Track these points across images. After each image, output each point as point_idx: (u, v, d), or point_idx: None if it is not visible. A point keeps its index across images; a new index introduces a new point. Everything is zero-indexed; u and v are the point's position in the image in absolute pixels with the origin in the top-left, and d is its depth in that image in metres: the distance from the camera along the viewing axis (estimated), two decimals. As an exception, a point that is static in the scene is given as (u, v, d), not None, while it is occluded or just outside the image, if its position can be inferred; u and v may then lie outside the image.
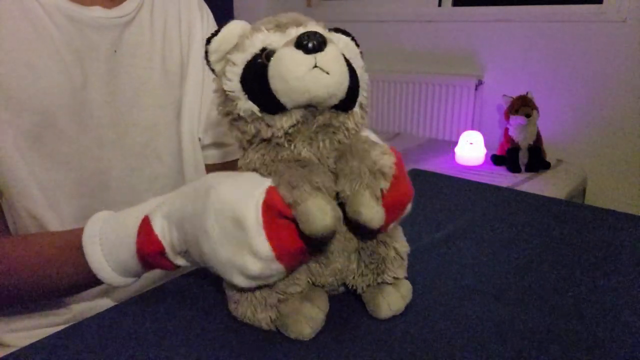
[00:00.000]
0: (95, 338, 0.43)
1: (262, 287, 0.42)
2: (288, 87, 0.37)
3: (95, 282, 0.48)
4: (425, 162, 2.02)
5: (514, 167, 1.92)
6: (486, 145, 2.05)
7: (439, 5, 2.43)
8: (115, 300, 0.62)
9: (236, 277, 0.39)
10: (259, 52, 0.40)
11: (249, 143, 0.43)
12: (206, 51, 0.43)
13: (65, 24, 0.56)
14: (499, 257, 0.57)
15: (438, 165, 1.99)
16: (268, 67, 0.38)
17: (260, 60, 0.39)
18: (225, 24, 0.43)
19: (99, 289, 0.62)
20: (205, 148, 0.74)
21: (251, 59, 0.40)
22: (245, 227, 0.37)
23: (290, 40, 0.38)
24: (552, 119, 2.10)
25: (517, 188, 1.29)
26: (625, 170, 2.02)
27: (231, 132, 0.43)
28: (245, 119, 0.41)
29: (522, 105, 1.94)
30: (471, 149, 2.01)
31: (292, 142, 0.41)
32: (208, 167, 0.76)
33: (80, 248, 0.46)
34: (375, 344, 0.42)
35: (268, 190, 0.38)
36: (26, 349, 0.42)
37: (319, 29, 0.40)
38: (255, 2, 2.67)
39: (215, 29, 0.77)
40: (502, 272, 0.54)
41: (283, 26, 0.41)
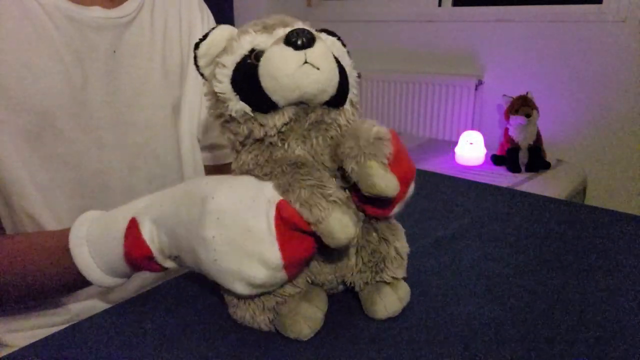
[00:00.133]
0: (95, 338, 0.43)
1: (260, 293, 0.42)
2: (279, 84, 0.37)
3: (85, 282, 0.47)
4: (425, 162, 2.02)
5: (514, 167, 1.92)
6: (486, 145, 2.05)
7: (439, 5, 2.43)
8: (114, 300, 0.62)
9: (238, 286, 0.39)
10: (247, 53, 0.40)
11: (241, 145, 0.42)
12: (195, 56, 0.43)
13: (65, 24, 0.56)
14: (499, 257, 0.57)
15: (438, 165, 1.99)
16: (258, 67, 0.38)
17: (249, 61, 0.39)
18: (212, 29, 0.43)
19: (97, 290, 0.62)
20: (203, 149, 0.74)
21: (240, 60, 0.40)
22: (256, 237, 0.37)
23: (279, 38, 0.39)
24: (552, 119, 2.10)
25: (517, 188, 1.28)
26: (625, 170, 2.02)
27: (223, 134, 0.43)
28: (238, 120, 0.41)
29: (522, 105, 1.94)
30: (471, 149, 2.01)
31: (285, 141, 0.41)
32: (205, 168, 0.76)
33: (68, 249, 0.46)
34: (374, 343, 0.42)
35: (280, 203, 0.38)
36: (26, 349, 0.42)
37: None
38: (255, 2, 2.67)
39: None
40: (502, 272, 0.54)
41: (270, 27, 0.41)
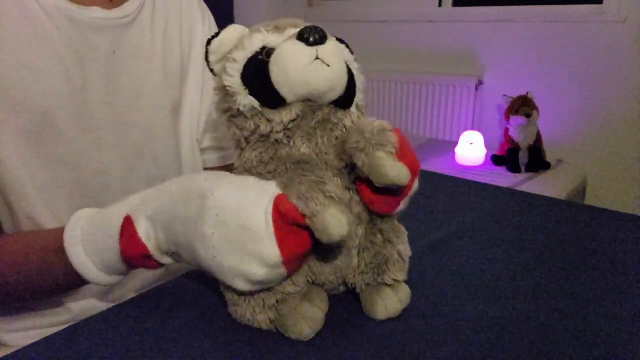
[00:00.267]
0: (95, 338, 0.43)
1: (260, 290, 0.42)
2: (289, 78, 0.38)
3: (82, 281, 0.47)
4: (425, 162, 2.02)
5: (514, 167, 1.91)
6: (486, 145, 2.05)
7: (439, 5, 2.43)
8: (114, 300, 0.62)
9: (237, 282, 0.39)
10: (259, 50, 0.40)
11: (246, 141, 0.43)
12: (206, 51, 0.44)
13: (65, 24, 0.56)
14: (499, 257, 0.57)
15: (438, 165, 1.98)
16: (269, 62, 0.39)
17: (260, 57, 0.40)
18: (225, 26, 0.44)
19: (97, 289, 0.62)
20: (202, 150, 0.74)
21: (251, 55, 0.41)
22: (254, 233, 0.37)
23: (291, 35, 0.39)
24: (552, 119, 2.10)
25: (517, 188, 1.28)
26: (625, 170, 2.02)
27: (229, 129, 0.43)
28: (245, 115, 0.41)
29: (522, 105, 1.94)
30: (471, 149, 2.01)
31: (290, 138, 0.41)
32: (205, 169, 0.76)
33: (63, 248, 0.46)
34: (375, 344, 0.42)
35: (278, 197, 0.38)
36: (26, 349, 0.42)
37: None
38: (255, 2, 2.67)
39: (216, 30, 0.78)
40: (502, 272, 0.54)
41: (281, 28, 0.42)
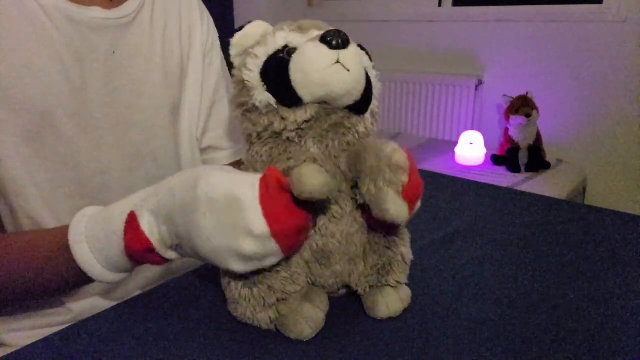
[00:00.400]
0: (95, 338, 0.43)
1: (260, 286, 0.42)
2: (309, 78, 0.38)
3: (87, 279, 0.47)
4: (425, 162, 2.02)
5: (514, 167, 1.92)
6: (486, 145, 2.05)
7: (439, 5, 2.43)
8: (116, 300, 0.62)
9: (232, 262, 0.39)
10: (280, 48, 0.41)
11: (258, 137, 0.43)
12: (228, 44, 0.44)
13: (64, 24, 0.56)
14: (499, 257, 0.57)
15: (438, 165, 1.98)
16: (290, 61, 0.39)
17: (281, 55, 0.40)
18: (248, 22, 0.44)
19: (99, 288, 0.62)
20: (202, 151, 0.75)
21: (273, 53, 0.41)
22: (239, 203, 0.37)
23: (314, 37, 0.40)
24: (552, 119, 2.10)
25: (517, 188, 1.28)
26: (625, 170, 2.02)
27: (242, 123, 0.44)
28: (260, 110, 0.41)
29: (522, 105, 1.94)
30: (471, 149, 2.01)
31: (302, 138, 0.42)
32: None
33: (68, 247, 0.46)
34: (375, 344, 0.42)
35: (266, 168, 0.39)
36: (26, 349, 0.42)
37: None
38: (255, 2, 2.67)
39: (215, 30, 0.78)
40: (502, 272, 0.54)
41: (305, 29, 0.42)
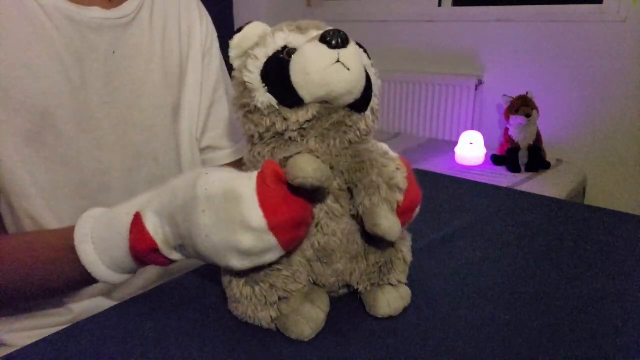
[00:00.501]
0: (95, 338, 0.43)
1: (261, 285, 0.42)
2: (309, 79, 0.39)
3: (91, 280, 0.48)
4: (425, 162, 2.02)
5: (514, 167, 1.92)
6: (486, 145, 2.05)
7: (439, 5, 2.43)
8: (116, 300, 0.62)
9: (231, 258, 0.39)
10: (280, 49, 0.41)
11: (260, 138, 0.43)
12: (228, 46, 0.44)
13: (64, 24, 0.56)
14: (499, 257, 0.57)
15: (438, 165, 1.98)
16: (290, 62, 0.40)
17: (281, 56, 0.41)
18: (247, 23, 0.44)
19: (99, 289, 0.62)
20: (201, 151, 0.75)
21: (273, 54, 0.41)
22: (236, 196, 0.38)
23: (314, 37, 0.40)
24: (552, 119, 2.10)
25: (517, 188, 1.28)
26: (625, 170, 2.02)
27: (244, 125, 0.44)
28: (262, 112, 0.42)
29: (522, 105, 1.94)
30: (471, 149, 2.01)
31: (304, 137, 0.42)
32: None
33: (73, 247, 0.46)
34: (376, 344, 0.42)
35: (264, 162, 0.39)
36: (26, 349, 0.42)
37: None
38: (255, 2, 2.67)
39: (214, 31, 0.78)
40: (502, 272, 0.54)
41: (304, 29, 0.43)
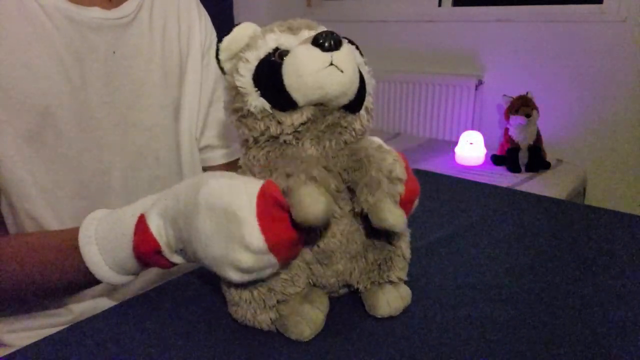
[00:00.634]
0: (95, 338, 0.43)
1: (260, 288, 0.42)
2: (302, 82, 0.38)
3: (94, 281, 0.48)
4: (425, 162, 2.02)
5: (514, 167, 1.91)
6: (486, 145, 2.05)
7: (439, 5, 2.43)
8: (116, 300, 0.62)
9: (229, 272, 0.39)
10: (272, 51, 0.41)
11: (254, 141, 0.43)
12: (217, 49, 0.44)
13: (64, 24, 0.56)
14: (499, 257, 0.57)
15: (438, 165, 1.98)
16: (282, 65, 0.39)
17: (273, 59, 0.40)
18: (237, 24, 0.44)
19: (99, 289, 0.62)
20: (200, 150, 0.75)
21: (264, 56, 0.41)
22: (237, 218, 0.37)
23: (306, 39, 0.39)
24: (552, 119, 2.10)
25: (517, 188, 1.28)
26: (625, 170, 2.02)
27: (238, 129, 0.44)
28: (255, 116, 0.41)
29: (522, 105, 1.94)
30: (471, 149, 2.01)
31: (299, 140, 0.42)
32: (203, 169, 0.76)
33: (77, 248, 0.46)
34: (375, 344, 0.42)
35: (265, 182, 0.38)
36: (26, 349, 0.42)
37: None
38: (255, 2, 2.67)
39: (212, 30, 0.78)
40: (502, 272, 0.54)
41: (295, 29, 0.42)
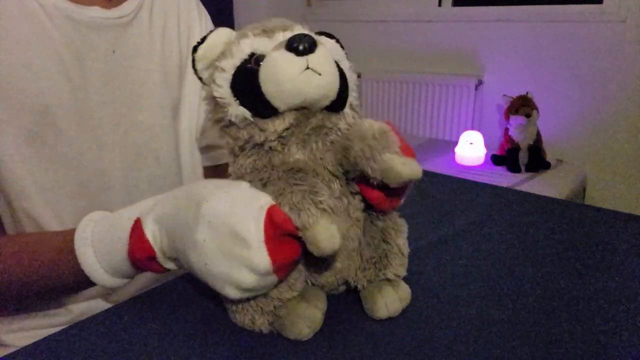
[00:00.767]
0: (95, 338, 0.43)
1: (257, 297, 0.42)
2: (281, 89, 0.37)
3: (89, 283, 0.48)
4: (425, 162, 2.02)
5: (514, 167, 1.91)
6: (486, 145, 2.05)
7: (439, 5, 2.43)
8: (116, 301, 0.62)
9: (228, 290, 0.39)
10: (247, 57, 0.39)
11: (240, 149, 0.42)
12: (193, 59, 0.42)
13: (64, 24, 0.56)
14: (499, 257, 0.57)
15: (438, 165, 1.98)
16: (259, 71, 0.38)
17: (249, 65, 0.39)
18: (210, 32, 0.42)
19: (99, 290, 0.62)
20: (201, 150, 0.75)
21: (240, 64, 0.39)
22: (245, 242, 0.37)
23: (280, 43, 0.38)
24: (552, 119, 2.10)
25: (517, 188, 1.28)
26: (625, 170, 2.02)
27: (222, 138, 0.43)
28: (237, 125, 0.40)
29: (522, 105, 1.94)
30: (471, 149, 2.01)
31: (285, 145, 0.41)
32: (203, 169, 0.76)
33: (73, 250, 0.46)
34: (374, 344, 0.42)
35: (272, 207, 0.38)
36: (26, 349, 0.42)
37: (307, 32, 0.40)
38: (255, 2, 2.67)
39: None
40: (502, 272, 0.54)
41: (270, 31, 0.41)
